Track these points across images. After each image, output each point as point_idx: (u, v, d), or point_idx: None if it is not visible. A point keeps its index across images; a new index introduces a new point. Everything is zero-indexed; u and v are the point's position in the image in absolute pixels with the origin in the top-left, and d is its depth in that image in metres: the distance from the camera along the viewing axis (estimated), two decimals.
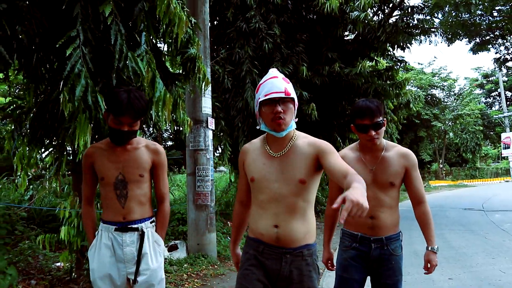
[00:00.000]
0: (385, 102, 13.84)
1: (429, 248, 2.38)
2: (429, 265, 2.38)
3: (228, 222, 8.98)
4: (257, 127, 2.04)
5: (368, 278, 2.44)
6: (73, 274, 4.71)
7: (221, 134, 9.50)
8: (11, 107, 4.73)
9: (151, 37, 3.17)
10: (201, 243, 6.08)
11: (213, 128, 6.56)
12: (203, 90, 4.28)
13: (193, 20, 3.97)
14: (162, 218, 2.52)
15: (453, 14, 9.75)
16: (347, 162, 2.21)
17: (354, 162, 2.38)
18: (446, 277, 5.14)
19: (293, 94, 1.93)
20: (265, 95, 1.89)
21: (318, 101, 9.46)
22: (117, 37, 2.63)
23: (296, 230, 1.92)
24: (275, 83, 1.91)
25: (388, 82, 11.21)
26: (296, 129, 2.03)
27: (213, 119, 6.52)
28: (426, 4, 10.07)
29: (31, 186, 8.98)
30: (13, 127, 4.43)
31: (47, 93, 4.04)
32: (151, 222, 2.45)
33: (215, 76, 8.72)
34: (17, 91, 8.79)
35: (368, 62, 12.14)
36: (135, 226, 2.36)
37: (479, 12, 9.51)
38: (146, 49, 2.95)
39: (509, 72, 36.25)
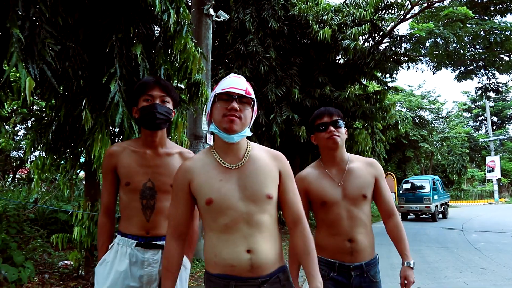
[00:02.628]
0: (374, 123, 14.62)
1: (405, 264, 2.20)
2: (405, 282, 2.18)
3: None
4: (205, 130, 1.96)
5: None
6: (80, 271, 5.24)
7: None
8: (33, 119, 5.32)
9: (167, 70, 3.79)
10: (196, 248, 6.62)
11: (211, 144, 7.16)
12: (204, 111, 4.88)
13: (199, 50, 4.61)
14: (190, 238, 2.17)
15: (439, 44, 10.45)
16: (312, 180, 2.23)
17: (321, 178, 2.24)
18: (416, 286, 5.74)
19: (254, 96, 1.72)
20: (223, 89, 1.65)
21: (308, 123, 10.11)
22: (144, 72, 3.24)
23: (270, 251, 1.64)
24: (237, 81, 1.69)
25: (375, 105, 11.94)
26: (281, 148, 1.99)
27: (212, 135, 7.12)
28: (412, 35, 10.79)
29: (35, 190, 9.48)
30: (34, 137, 5.02)
31: (67, 110, 4.61)
32: None
33: None
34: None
35: (357, 85, 12.85)
36: (160, 243, 2.04)
37: (455, 45, 10.23)
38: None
39: (496, 98, 37.48)
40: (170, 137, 3.79)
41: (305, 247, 1.73)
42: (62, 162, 5.32)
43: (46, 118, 5.05)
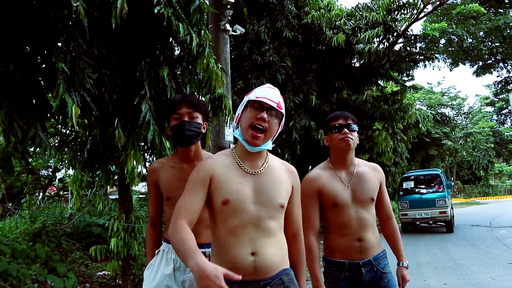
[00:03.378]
0: (394, 124, 14.64)
1: (401, 264, 2.38)
2: (402, 281, 2.36)
3: None
4: (227, 141, 2.10)
5: None
6: (118, 280, 5.56)
7: None
8: (69, 139, 5.70)
9: (192, 88, 4.08)
10: None
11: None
12: (228, 123, 5.15)
13: (219, 66, 4.89)
14: None
15: (453, 42, 10.52)
16: (324, 181, 2.30)
17: (332, 180, 2.31)
18: (442, 283, 5.86)
19: (283, 112, 1.79)
20: (257, 97, 1.72)
21: None
22: (171, 91, 3.53)
23: (274, 255, 1.69)
24: (271, 92, 1.76)
25: (393, 106, 12.02)
26: (300, 152, 2.10)
27: (234, 145, 7.39)
28: (425, 35, 10.87)
29: (76, 205, 9.93)
30: (70, 156, 5.38)
31: (99, 129, 4.94)
32: None
33: (234, 104, 9.65)
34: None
35: (374, 87, 12.92)
36: (202, 250, 2.04)
37: (471, 41, 10.26)
38: None
39: None
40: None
41: (300, 261, 1.93)
42: (96, 178, 5.67)
43: (81, 138, 5.42)
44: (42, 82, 3.23)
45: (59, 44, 2.90)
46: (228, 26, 7.35)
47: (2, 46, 2.87)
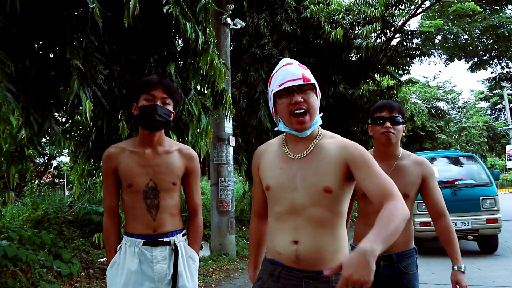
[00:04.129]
0: None
1: (456, 268, 2.18)
2: (457, 286, 2.15)
3: (243, 227, 10.00)
4: (276, 129, 1.74)
5: None
6: None
7: (239, 149, 10.55)
8: (73, 129, 5.86)
9: (196, 83, 4.24)
10: (223, 243, 7.12)
11: (234, 145, 7.63)
12: (228, 116, 5.32)
13: (222, 61, 5.05)
14: (196, 232, 2.27)
15: (449, 39, 10.70)
16: None
17: None
18: (431, 272, 6.11)
19: (313, 80, 1.62)
20: (279, 85, 1.58)
21: (323, 120, 10.45)
22: (178, 87, 3.70)
23: (321, 247, 1.54)
24: (290, 69, 1.60)
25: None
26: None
27: (234, 137, 7.58)
28: (421, 32, 11.04)
29: (76, 193, 10.09)
30: (75, 146, 5.54)
31: (104, 120, 5.09)
32: (183, 235, 2.21)
33: (232, 97, 9.81)
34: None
35: (371, 82, 13.09)
36: (167, 239, 2.10)
37: (466, 37, 10.45)
38: (194, 93, 4.03)
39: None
40: (197, 142, 4.22)
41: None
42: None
43: (84, 129, 5.57)
44: (54, 77, 3.38)
45: (73, 41, 3.04)
46: (229, 20, 7.50)
47: (19, 43, 3.01)
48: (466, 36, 11.24)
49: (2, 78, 2.66)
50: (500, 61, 14.71)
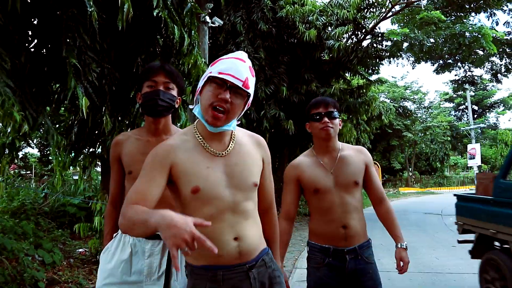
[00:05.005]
0: (358, 115, 15.42)
1: (399, 246, 2.30)
2: (401, 263, 2.27)
3: None
4: (190, 107, 1.69)
5: None
6: (98, 256, 5.92)
7: None
8: (55, 122, 5.96)
9: None
10: None
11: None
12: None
13: (204, 60, 5.28)
14: None
15: (415, 46, 11.25)
16: (305, 168, 2.29)
17: (314, 166, 2.28)
18: (393, 261, 6.55)
19: (251, 91, 1.58)
20: (219, 73, 1.50)
21: (295, 117, 10.85)
22: None
23: (254, 236, 1.63)
24: (239, 66, 1.53)
25: (358, 99, 12.73)
26: (269, 140, 2.01)
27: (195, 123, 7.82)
28: (389, 39, 11.55)
29: (43, 185, 10.11)
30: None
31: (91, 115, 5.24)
32: None
33: None
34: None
35: (341, 81, 13.57)
36: (161, 241, 2.02)
37: (431, 44, 11.04)
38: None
39: (477, 87, 38.71)
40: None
41: (274, 235, 1.89)
42: (80, 160, 5.96)
43: (66, 122, 5.69)
44: (47, 73, 3.55)
45: (68, 40, 3.23)
46: (207, 18, 7.70)
47: (15, 40, 3.18)
48: (431, 42, 11.81)
49: (1, 74, 2.83)
50: (463, 65, 15.44)
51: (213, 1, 8.02)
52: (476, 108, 44.73)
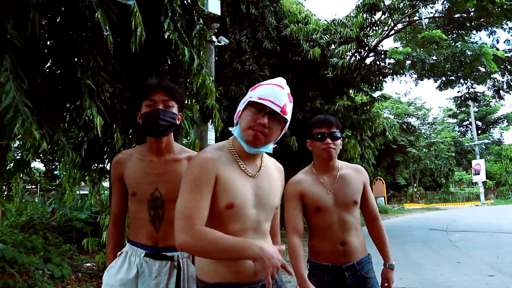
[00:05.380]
0: (362, 131, 15.54)
1: (387, 265, 2.35)
2: (386, 284, 2.32)
3: None
4: (230, 129, 1.70)
5: None
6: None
7: None
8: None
9: (188, 99, 4.62)
10: None
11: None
12: (218, 130, 5.70)
13: (211, 78, 5.44)
14: None
15: (416, 64, 11.40)
16: (306, 185, 2.30)
17: (315, 185, 2.29)
18: (398, 277, 6.58)
19: (289, 117, 1.64)
20: (259, 98, 1.57)
21: (299, 133, 10.97)
22: None
23: None
24: (278, 93, 1.59)
25: (362, 116, 12.87)
26: (274, 156, 1.89)
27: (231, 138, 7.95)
28: (392, 57, 11.72)
29: (50, 200, 10.23)
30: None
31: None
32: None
33: None
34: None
35: (345, 98, 13.74)
36: (170, 254, 1.99)
37: (433, 62, 11.21)
38: (185, 110, 4.41)
39: (480, 103, 38.84)
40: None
41: None
42: (88, 177, 6.08)
43: (75, 139, 5.84)
44: (62, 93, 3.70)
45: (83, 62, 3.39)
46: (214, 38, 7.90)
47: (33, 62, 3.34)
48: (433, 60, 11.95)
49: (21, 95, 2.98)
50: (466, 82, 15.56)
51: (219, 21, 8.24)
52: (480, 124, 44.77)
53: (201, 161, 1.58)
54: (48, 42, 3.72)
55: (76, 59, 3.47)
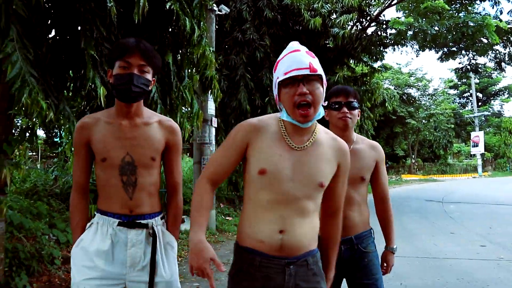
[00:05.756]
0: (362, 102, 15.58)
1: (388, 248, 2.34)
2: (385, 265, 2.33)
3: (221, 204, 10.57)
4: (280, 116, 1.65)
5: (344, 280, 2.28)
6: None
7: (218, 129, 10.99)
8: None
9: (188, 70, 4.67)
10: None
11: (216, 126, 8.09)
12: (217, 100, 5.76)
13: (211, 49, 5.45)
14: (176, 213, 2.08)
15: (418, 35, 11.33)
16: None
17: None
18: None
19: (321, 71, 1.57)
20: (285, 73, 1.53)
21: None
22: (173, 75, 4.13)
23: (303, 236, 1.60)
24: (297, 57, 1.55)
25: (362, 87, 12.88)
26: None
27: (216, 118, 8.04)
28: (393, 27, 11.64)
29: (52, 167, 10.35)
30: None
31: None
32: (161, 218, 2.02)
33: None
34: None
35: (345, 68, 13.71)
36: (144, 221, 1.92)
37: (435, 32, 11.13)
38: (188, 80, 4.47)
39: (482, 75, 38.61)
40: (192, 126, 4.67)
41: (333, 239, 1.84)
42: None
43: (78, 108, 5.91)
44: (65, 62, 3.75)
45: (86, 32, 3.42)
46: (214, 6, 7.84)
47: (37, 32, 3.37)
48: (435, 31, 11.86)
49: (27, 65, 3.03)
50: (467, 53, 15.47)
51: None
52: (480, 95, 44.72)
53: (237, 127, 1.66)
54: (52, 11, 3.73)
55: (79, 29, 3.51)
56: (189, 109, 4.60)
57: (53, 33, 3.73)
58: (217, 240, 7.10)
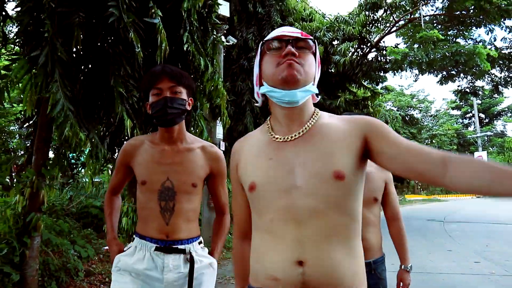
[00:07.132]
0: None
1: (403, 267, 2.34)
2: (401, 284, 2.31)
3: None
4: (255, 104, 1.36)
5: None
6: None
7: (225, 153, 11.49)
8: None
9: (200, 101, 5.18)
10: None
11: (224, 149, 8.58)
12: (226, 127, 6.26)
13: (222, 81, 5.97)
14: (222, 230, 2.13)
15: (414, 64, 11.88)
16: None
17: None
18: (390, 263, 7.16)
19: (312, 42, 1.23)
20: (272, 36, 1.22)
21: None
22: None
23: (335, 267, 1.09)
24: (288, 28, 1.24)
25: (364, 110, 13.38)
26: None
27: (224, 142, 8.54)
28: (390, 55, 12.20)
29: (67, 188, 10.85)
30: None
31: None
32: (199, 243, 1.99)
33: None
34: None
35: (347, 92, 14.24)
36: (182, 247, 1.91)
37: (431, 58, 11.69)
38: (200, 110, 4.98)
39: (484, 96, 39.08)
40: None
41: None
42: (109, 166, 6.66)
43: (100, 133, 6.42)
44: (96, 98, 4.27)
45: (115, 71, 3.95)
46: (223, 38, 8.41)
47: (73, 72, 3.90)
48: (430, 58, 12.39)
49: (66, 101, 3.54)
50: (466, 76, 15.98)
51: (227, 20, 8.73)
52: (483, 116, 45.08)
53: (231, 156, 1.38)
54: (84, 53, 4.27)
55: (109, 69, 4.04)
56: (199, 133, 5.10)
57: (85, 72, 4.26)
58: (224, 257, 7.51)
